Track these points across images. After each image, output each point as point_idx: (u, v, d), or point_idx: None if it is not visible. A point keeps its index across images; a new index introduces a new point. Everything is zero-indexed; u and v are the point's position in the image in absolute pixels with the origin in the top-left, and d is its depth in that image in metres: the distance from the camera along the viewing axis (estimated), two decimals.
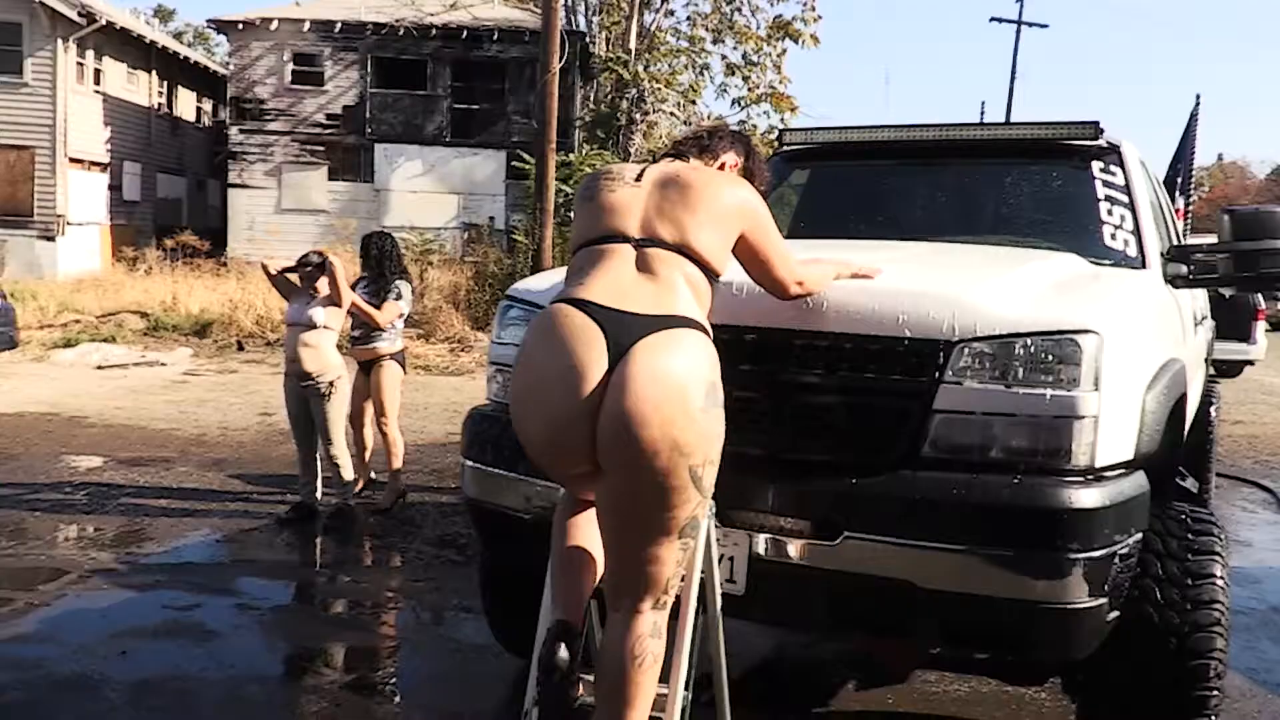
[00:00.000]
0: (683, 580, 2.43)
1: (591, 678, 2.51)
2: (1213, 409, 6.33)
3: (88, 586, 4.90)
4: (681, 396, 2.24)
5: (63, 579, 5.01)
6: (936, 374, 2.59)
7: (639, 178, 2.55)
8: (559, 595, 2.57)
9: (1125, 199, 3.88)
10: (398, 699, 3.88)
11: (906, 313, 2.62)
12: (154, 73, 27.59)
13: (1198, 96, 9.03)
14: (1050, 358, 2.53)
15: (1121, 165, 4.01)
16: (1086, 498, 2.48)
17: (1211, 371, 6.50)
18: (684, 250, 2.43)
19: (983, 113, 32.68)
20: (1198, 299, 4.94)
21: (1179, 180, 8.83)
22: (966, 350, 2.57)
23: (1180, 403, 3.13)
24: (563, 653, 2.41)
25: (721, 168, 2.73)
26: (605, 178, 2.60)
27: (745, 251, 2.56)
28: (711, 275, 2.48)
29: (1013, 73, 33.13)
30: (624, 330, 2.30)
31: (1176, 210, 8.43)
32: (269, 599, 4.93)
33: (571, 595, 2.55)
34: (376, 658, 4.34)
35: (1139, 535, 2.68)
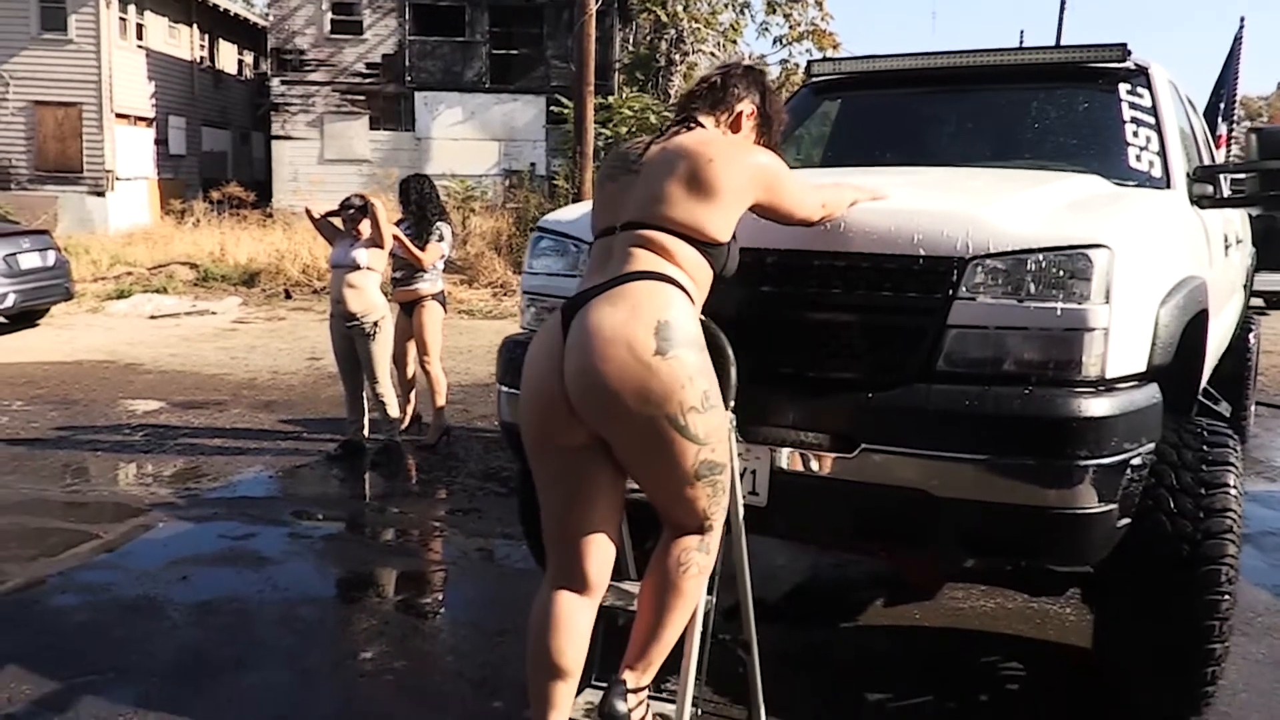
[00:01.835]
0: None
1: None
2: (1251, 336, 6.31)
3: (149, 519, 5.14)
4: (625, 344, 2.23)
5: (125, 513, 5.26)
6: (950, 291, 2.65)
7: (640, 158, 2.53)
8: (533, 700, 2.50)
9: (1151, 120, 3.88)
10: (444, 617, 4.07)
11: (922, 231, 2.69)
12: (195, 26, 27.81)
13: (1241, 20, 8.84)
14: (1062, 272, 2.59)
15: (1149, 87, 4.01)
16: (1096, 407, 2.55)
17: (1253, 300, 6.46)
18: (667, 226, 2.40)
19: (1021, 40, 31.92)
20: (1232, 222, 4.92)
21: (1221, 106, 8.67)
22: (980, 267, 2.64)
23: (1199, 319, 3.17)
24: None
25: (738, 119, 2.67)
26: (613, 164, 2.61)
27: (764, 211, 2.57)
28: (702, 243, 2.42)
29: (1061, 6, 32.26)
30: (576, 305, 2.37)
31: (1219, 137, 8.30)
32: (320, 529, 5.15)
33: (544, 705, 2.48)
34: (423, 581, 4.54)
35: (1151, 445, 2.75)
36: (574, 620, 2.47)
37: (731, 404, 2.56)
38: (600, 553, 2.49)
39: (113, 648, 3.63)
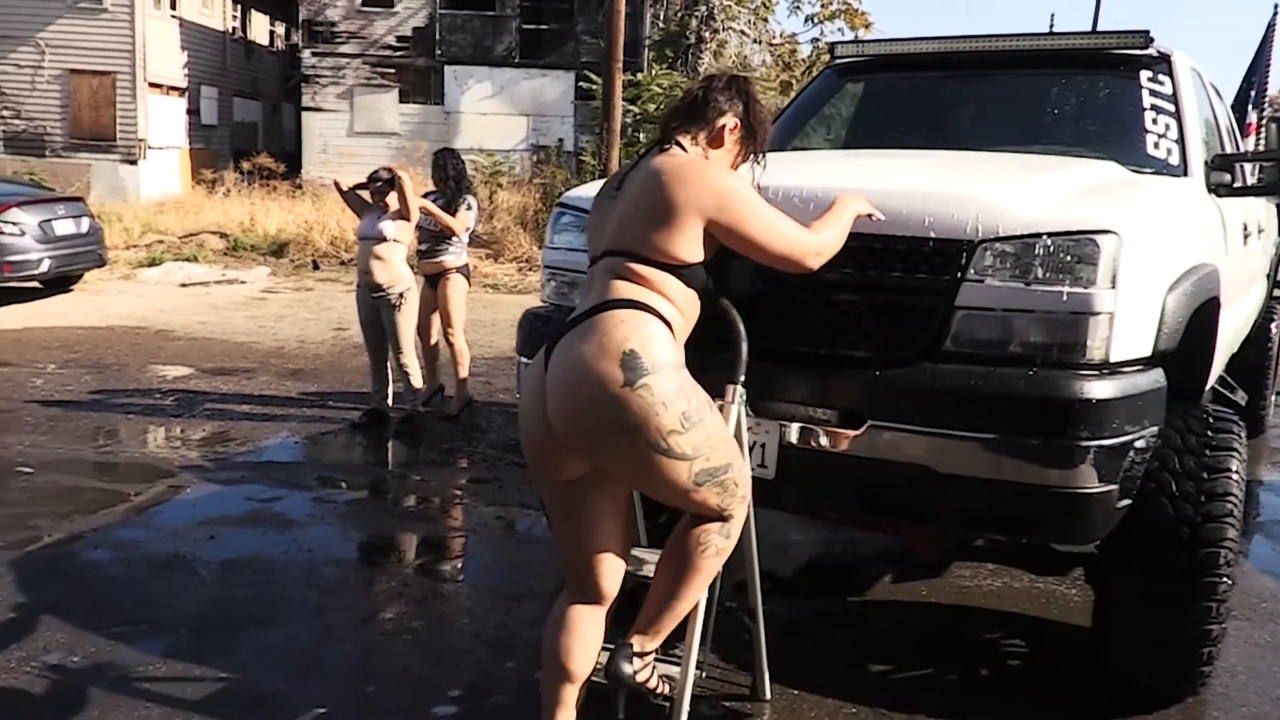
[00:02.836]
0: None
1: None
2: (1274, 326, 6.32)
3: (179, 481, 5.28)
4: (594, 378, 2.26)
5: (156, 474, 5.41)
6: (959, 273, 2.71)
7: (620, 184, 2.56)
8: (544, 698, 2.59)
9: (1171, 108, 3.91)
10: (461, 581, 4.19)
11: (932, 214, 2.75)
12: None
13: (1276, 7, 8.75)
14: (1069, 256, 2.64)
15: (1171, 74, 4.03)
16: (1099, 389, 2.61)
17: (1278, 291, 6.45)
18: (637, 251, 2.41)
19: (1052, 24, 31.54)
20: (1256, 212, 4.92)
21: (1251, 94, 8.61)
22: (989, 250, 2.69)
23: (1209, 307, 3.21)
24: None
25: (719, 135, 2.61)
26: (603, 189, 2.67)
27: (730, 238, 2.45)
28: (672, 266, 2.41)
29: None
30: (555, 340, 2.41)
31: (1248, 125, 8.24)
32: (343, 494, 5.28)
33: (553, 704, 2.56)
34: (442, 546, 4.66)
35: (1154, 429, 2.80)
36: (584, 626, 2.56)
37: (742, 379, 2.64)
38: (609, 569, 2.58)
39: (143, 601, 3.77)
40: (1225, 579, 2.90)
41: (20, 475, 5.26)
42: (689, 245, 2.42)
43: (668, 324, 2.38)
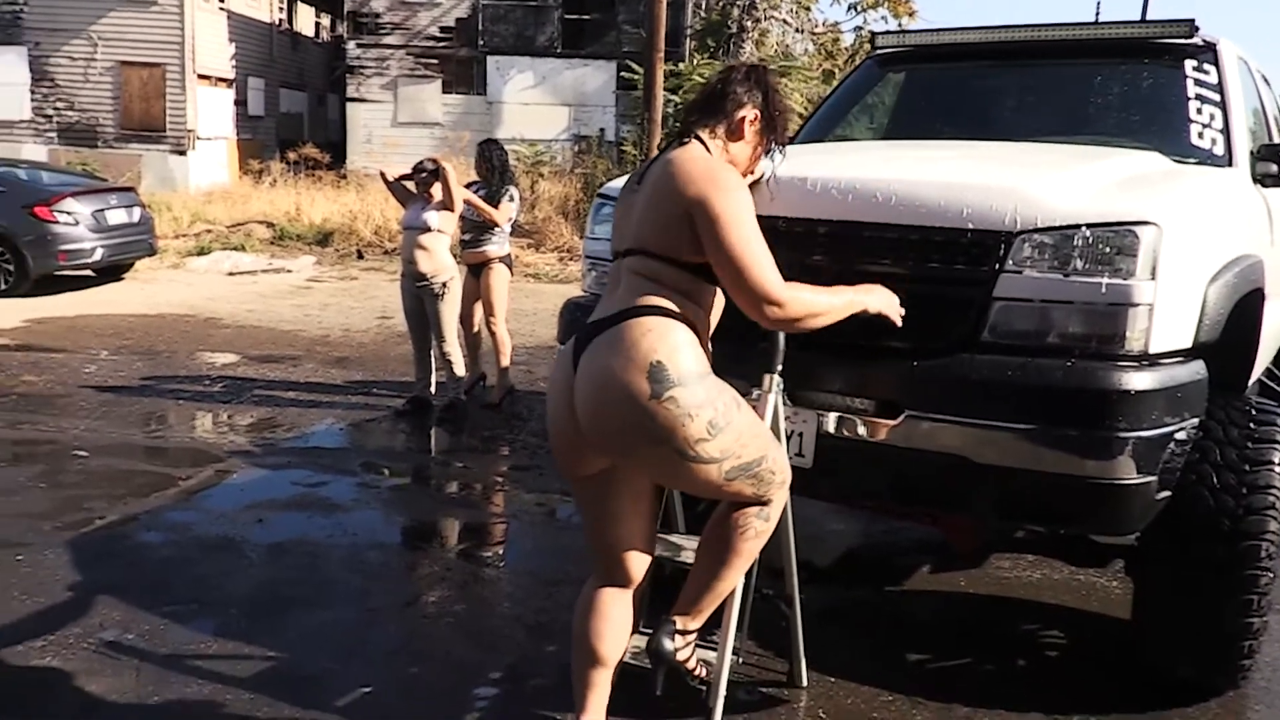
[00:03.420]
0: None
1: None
2: None
3: (227, 465, 5.40)
4: (622, 390, 2.27)
5: (205, 458, 5.53)
6: (997, 264, 2.72)
7: (641, 179, 2.52)
8: (575, 681, 2.62)
9: (1217, 97, 3.87)
10: (503, 566, 4.25)
11: (970, 205, 2.76)
12: None
13: None
14: (1108, 248, 2.64)
15: (1216, 63, 3.98)
16: (1137, 380, 2.61)
17: None
18: (651, 250, 2.40)
19: (1098, 13, 31.10)
20: None
21: None
22: (1027, 241, 2.70)
23: (1253, 298, 3.19)
24: None
25: (739, 126, 2.54)
26: (627, 183, 2.64)
27: (705, 245, 2.33)
28: (691, 265, 2.37)
29: None
30: (581, 343, 2.41)
31: None
32: (387, 479, 5.38)
33: (583, 686, 2.59)
34: (483, 532, 4.74)
35: (1194, 420, 2.80)
36: (612, 609, 2.60)
37: (779, 368, 2.67)
38: (635, 557, 2.62)
39: (194, 582, 3.87)
40: (1267, 572, 2.89)
41: (76, 459, 5.41)
42: (693, 243, 2.36)
43: (693, 326, 2.38)
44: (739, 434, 2.36)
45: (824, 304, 2.44)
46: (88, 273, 12.00)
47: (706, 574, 2.59)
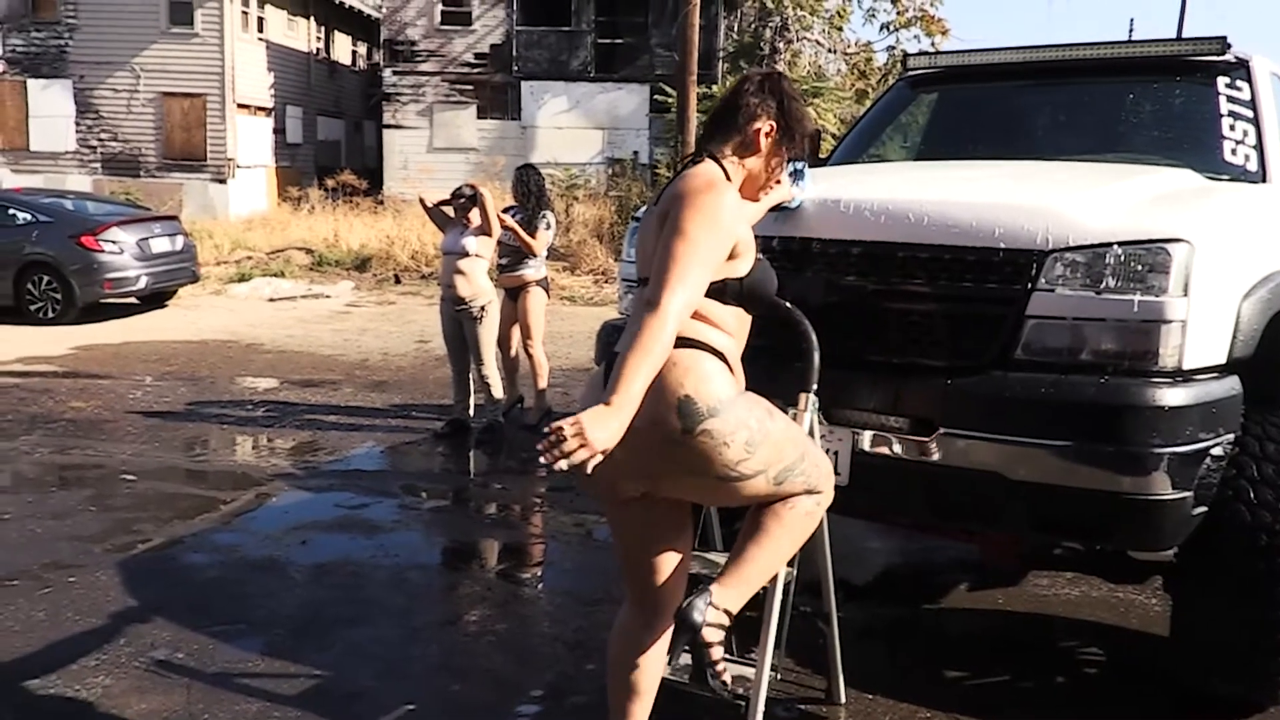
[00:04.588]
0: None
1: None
2: None
3: (270, 488, 5.50)
4: (654, 425, 2.18)
5: (249, 481, 5.64)
6: (1030, 283, 2.75)
7: (659, 197, 2.44)
8: (611, 711, 2.60)
9: (1250, 114, 3.87)
10: (541, 586, 4.30)
11: (1003, 225, 2.79)
12: (312, 18, 28.76)
13: None
14: (1140, 265, 2.66)
15: (1249, 80, 3.98)
16: (1171, 396, 2.62)
17: None
18: None
19: (1131, 29, 30.93)
20: None
21: None
22: (1059, 260, 2.73)
23: None
24: None
25: (755, 139, 2.43)
26: (647, 209, 2.57)
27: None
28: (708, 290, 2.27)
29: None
30: (610, 372, 2.24)
31: None
32: (427, 501, 5.45)
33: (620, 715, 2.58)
34: (523, 552, 4.80)
35: (1230, 436, 2.80)
36: (643, 637, 2.56)
37: (814, 387, 2.71)
38: (669, 582, 2.56)
39: (241, 602, 3.96)
40: None
41: (124, 482, 5.53)
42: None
43: (720, 354, 2.30)
44: (776, 443, 2.32)
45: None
46: (132, 300, 12.24)
47: (751, 541, 2.42)
